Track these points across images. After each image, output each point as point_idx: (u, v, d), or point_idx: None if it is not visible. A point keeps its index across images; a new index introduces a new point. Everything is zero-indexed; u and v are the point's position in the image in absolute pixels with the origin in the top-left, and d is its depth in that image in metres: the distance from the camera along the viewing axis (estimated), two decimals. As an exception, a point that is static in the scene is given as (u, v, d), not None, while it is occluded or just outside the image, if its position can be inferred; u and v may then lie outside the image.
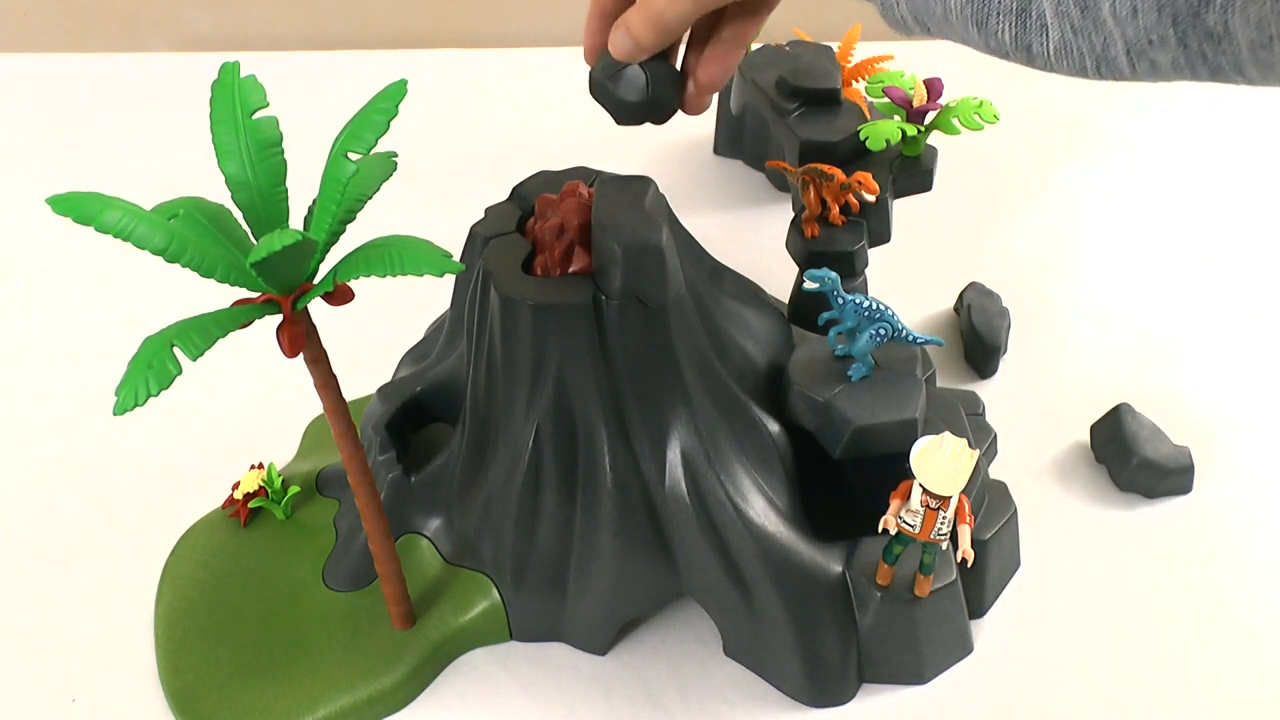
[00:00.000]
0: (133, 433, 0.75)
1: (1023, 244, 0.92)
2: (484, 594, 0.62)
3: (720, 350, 0.59)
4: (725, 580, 0.57)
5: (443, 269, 0.45)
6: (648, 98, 0.53)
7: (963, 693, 0.60)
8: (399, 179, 0.48)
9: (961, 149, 0.97)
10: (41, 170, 1.04)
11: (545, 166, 0.63)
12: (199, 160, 0.63)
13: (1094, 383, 0.78)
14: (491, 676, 0.61)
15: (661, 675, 0.61)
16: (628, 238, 0.52)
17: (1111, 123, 1.06)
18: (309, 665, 0.59)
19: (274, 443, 0.74)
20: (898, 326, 0.60)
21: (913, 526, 0.54)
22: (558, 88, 1.15)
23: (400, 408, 0.63)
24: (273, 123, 0.48)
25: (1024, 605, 0.64)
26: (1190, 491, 0.70)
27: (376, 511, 0.56)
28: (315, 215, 0.48)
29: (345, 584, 0.63)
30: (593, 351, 0.54)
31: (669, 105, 0.54)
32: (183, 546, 0.67)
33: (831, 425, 0.59)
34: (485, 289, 0.56)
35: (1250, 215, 0.95)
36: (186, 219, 0.46)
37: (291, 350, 0.47)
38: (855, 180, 0.69)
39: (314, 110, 0.82)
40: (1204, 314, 0.85)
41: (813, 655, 0.58)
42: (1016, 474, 0.71)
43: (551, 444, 0.56)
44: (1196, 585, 0.65)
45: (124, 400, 0.41)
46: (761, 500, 0.58)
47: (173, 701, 0.59)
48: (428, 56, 1.20)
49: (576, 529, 0.58)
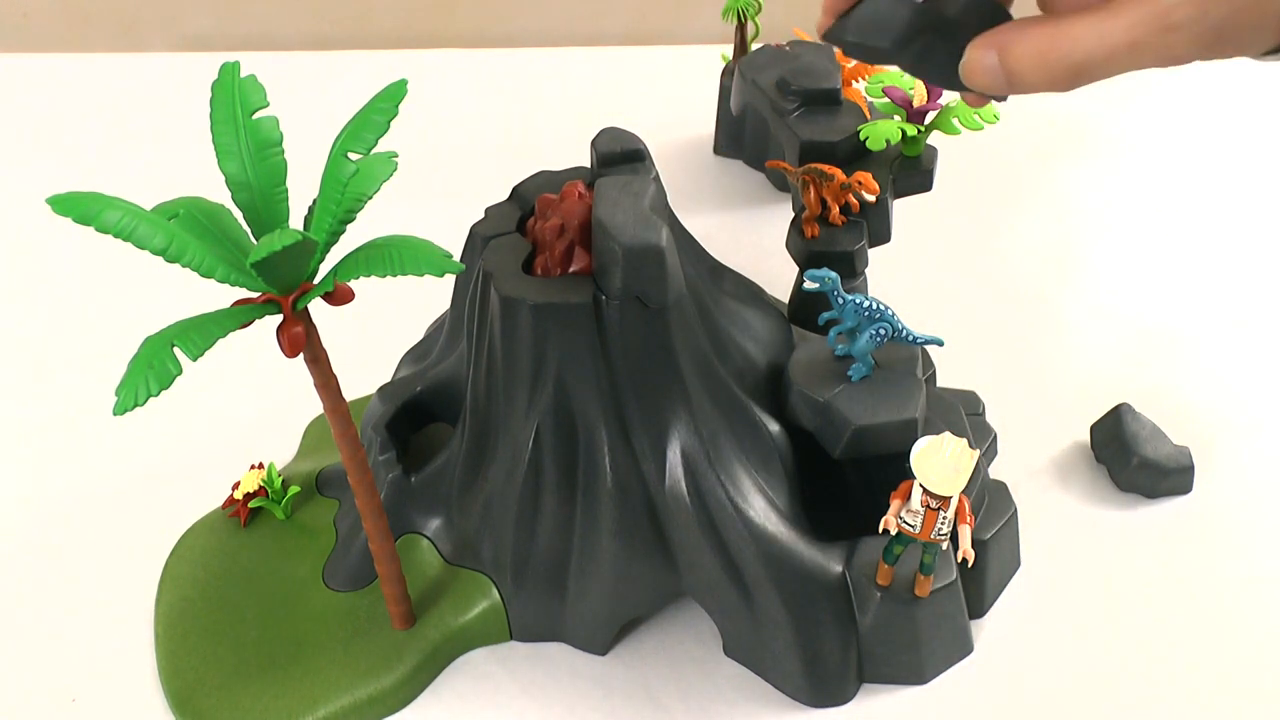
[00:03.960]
0: (133, 433, 0.75)
1: (1023, 244, 0.92)
2: (484, 594, 0.62)
3: (720, 350, 0.59)
4: (725, 580, 0.57)
5: (443, 269, 0.45)
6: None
7: (963, 693, 0.60)
8: (399, 179, 0.48)
9: (961, 149, 0.97)
10: (41, 170, 1.04)
11: (545, 166, 0.63)
12: (199, 160, 0.63)
13: (1094, 383, 0.78)
14: (491, 676, 0.61)
15: (661, 675, 0.61)
16: (628, 238, 0.52)
17: (1111, 123, 1.06)
18: (309, 665, 0.59)
19: (274, 443, 0.74)
20: (898, 326, 0.60)
21: (913, 526, 0.54)
22: (558, 88, 1.15)
23: (400, 408, 0.63)
24: (273, 123, 0.48)
25: (1024, 605, 0.64)
26: (1190, 491, 0.70)
27: (376, 511, 0.56)
28: (315, 215, 0.47)
29: (345, 584, 0.63)
30: (593, 351, 0.54)
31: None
32: (183, 546, 0.67)
33: (831, 425, 0.59)
34: (485, 289, 0.56)
35: (1250, 215, 0.95)
36: (186, 219, 0.46)
37: (291, 350, 0.47)
38: (855, 180, 0.69)
39: (314, 110, 0.83)
40: (1204, 314, 0.85)
41: (813, 655, 0.58)
42: (1016, 474, 0.71)
43: (551, 444, 0.56)
44: (1196, 585, 0.65)
45: (124, 400, 0.41)
46: (761, 500, 0.58)
47: (173, 701, 0.59)
48: (428, 56, 1.20)
49: (576, 529, 0.58)
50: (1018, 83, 0.38)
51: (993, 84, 0.39)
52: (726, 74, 1.02)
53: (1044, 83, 0.38)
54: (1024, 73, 0.38)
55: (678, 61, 1.18)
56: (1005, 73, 0.38)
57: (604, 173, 0.59)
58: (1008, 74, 0.38)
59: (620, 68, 1.18)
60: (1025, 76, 0.38)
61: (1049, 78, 0.37)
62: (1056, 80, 0.37)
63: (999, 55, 0.38)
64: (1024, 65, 0.37)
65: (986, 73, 0.39)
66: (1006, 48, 0.38)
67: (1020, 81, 0.38)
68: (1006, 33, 0.38)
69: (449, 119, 1.10)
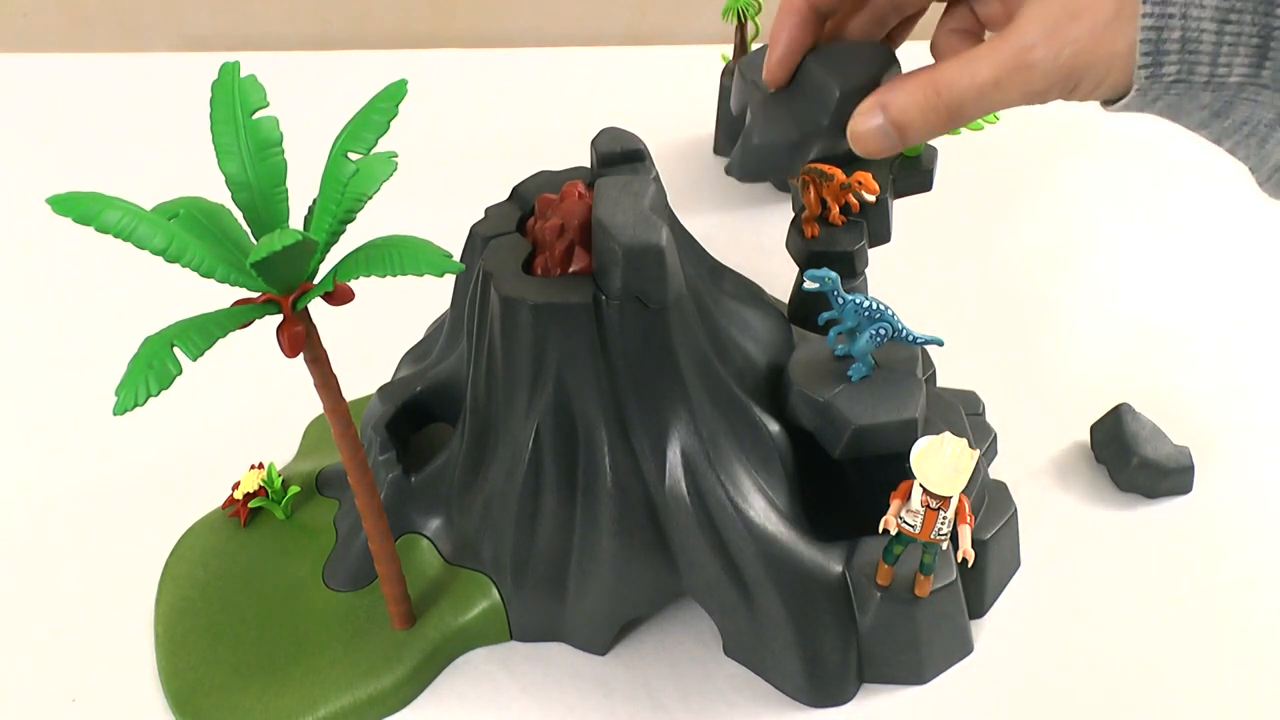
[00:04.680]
0: (133, 433, 0.75)
1: (1023, 244, 0.93)
2: (484, 594, 0.62)
3: (720, 350, 0.59)
4: (725, 580, 0.57)
5: (443, 269, 0.45)
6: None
7: (963, 693, 0.60)
8: (399, 179, 0.48)
9: (961, 149, 0.97)
10: (41, 170, 1.04)
11: (545, 166, 0.63)
12: (199, 160, 0.63)
13: (1094, 383, 0.78)
14: (491, 676, 0.61)
15: (661, 675, 0.61)
16: (628, 238, 0.52)
17: (1111, 123, 1.06)
18: (309, 665, 0.59)
19: (274, 443, 0.74)
20: (898, 326, 0.60)
21: (913, 527, 0.54)
22: (558, 88, 1.15)
23: (400, 408, 0.63)
24: (273, 123, 0.48)
25: (1024, 605, 0.64)
26: (1190, 491, 0.70)
27: (376, 511, 0.56)
28: (315, 215, 0.47)
29: (345, 584, 0.63)
30: (593, 351, 0.54)
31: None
32: (183, 546, 0.67)
33: (831, 425, 0.59)
34: (485, 289, 0.56)
35: (1250, 215, 0.95)
36: (186, 219, 0.46)
37: (291, 350, 0.47)
38: (855, 180, 0.69)
39: (314, 110, 0.83)
40: (1204, 314, 0.85)
41: (813, 655, 0.58)
42: (1016, 474, 0.71)
43: (551, 444, 0.56)
44: (1196, 585, 0.65)
45: (124, 400, 0.41)
46: (761, 500, 0.58)
47: (173, 701, 0.59)
48: (428, 56, 1.20)
49: (576, 529, 0.58)
50: (906, 132, 0.41)
51: (883, 142, 0.42)
52: (726, 74, 1.02)
53: (929, 127, 0.41)
54: (910, 122, 0.41)
55: (678, 61, 1.18)
56: (894, 126, 0.41)
57: (604, 173, 0.59)
58: (896, 127, 0.41)
59: (620, 68, 1.18)
60: (912, 125, 0.41)
61: (934, 121, 0.41)
62: (939, 123, 0.41)
63: (884, 113, 0.41)
64: (909, 116, 0.41)
65: (874, 133, 0.42)
66: (889, 105, 0.41)
67: (908, 130, 0.41)
68: (885, 93, 0.42)
69: (449, 119, 1.10)
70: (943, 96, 0.40)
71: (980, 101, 0.40)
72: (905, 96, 0.41)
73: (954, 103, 0.40)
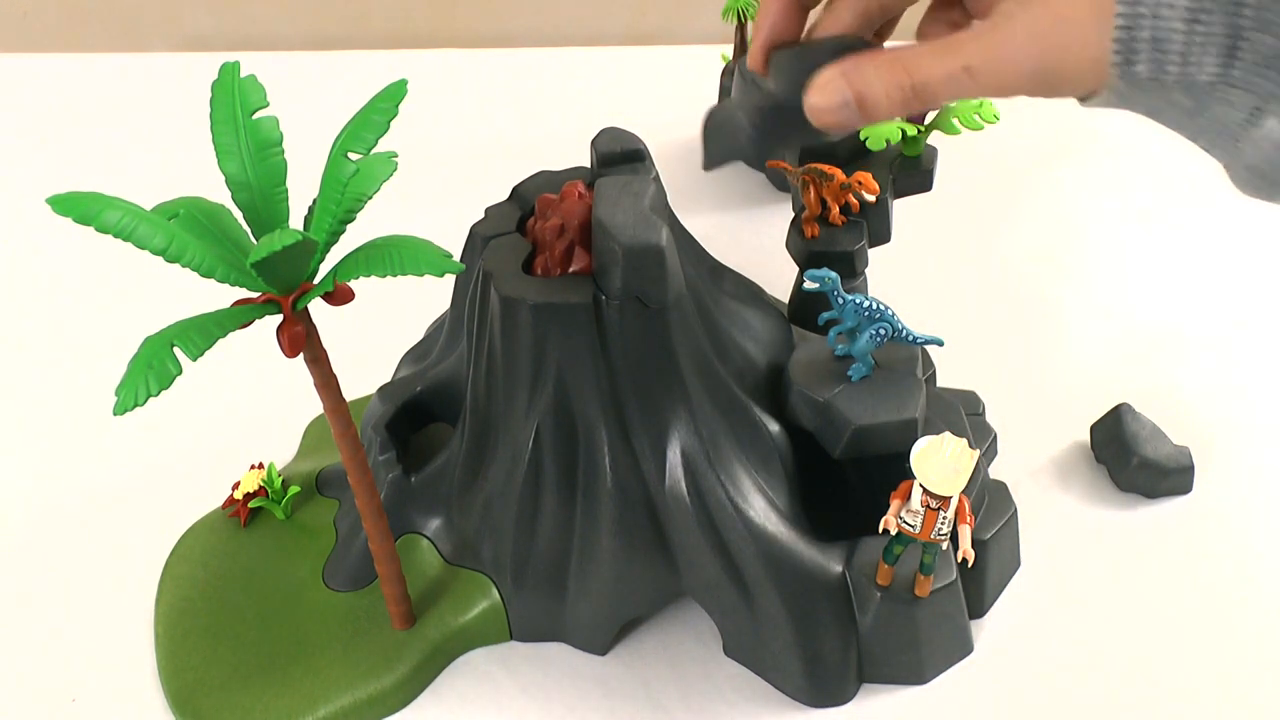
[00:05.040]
0: (133, 433, 0.75)
1: (1023, 244, 0.93)
2: (484, 594, 0.62)
3: (720, 350, 0.59)
4: (725, 580, 0.57)
5: (443, 269, 0.45)
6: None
7: (963, 693, 0.60)
8: (399, 179, 0.48)
9: (961, 149, 0.97)
10: (41, 170, 1.04)
11: (545, 166, 0.63)
12: (199, 160, 0.63)
13: (1094, 383, 0.78)
14: (491, 676, 0.61)
15: (661, 675, 0.61)
16: (628, 238, 0.52)
17: (1111, 123, 1.06)
18: (309, 665, 0.59)
19: (274, 443, 0.74)
20: (898, 326, 0.60)
21: (913, 527, 0.54)
22: (558, 88, 1.15)
23: (400, 408, 0.63)
24: (273, 123, 0.48)
25: (1024, 605, 0.64)
26: (1190, 491, 0.70)
27: (376, 511, 0.56)
28: (315, 215, 0.48)
29: (345, 584, 0.63)
30: (593, 351, 0.54)
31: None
32: (183, 546, 0.67)
33: (831, 425, 0.59)
34: (485, 289, 0.56)
35: (1250, 215, 0.95)
36: (186, 219, 0.46)
37: (291, 350, 0.47)
38: (855, 180, 0.69)
39: (314, 110, 0.83)
40: (1204, 314, 0.85)
41: (813, 655, 0.58)
42: (1016, 474, 0.71)
43: (551, 444, 0.56)
44: (1196, 585, 0.65)
45: (124, 400, 0.41)
46: (761, 500, 0.58)
47: (173, 701, 0.59)
48: (428, 56, 1.20)
49: (576, 529, 0.58)
50: (866, 104, 0.40)
51: (841, 113, 0.41)
52: (726, 74, 1.02)
53: (891, 104, 0.40)
54: (872, 96, 0.40)
55: (678, 61, 1.18)
56: (855, 98, 0.40)
57: (604, 173, 0.59)
58: (858, 99, 0.40)
59: (620, 68, 1.18)
60: (874, 99, 0.40)
61: (898, 98, 0.40)
62: (902, 101, 0.40)
63: (847, 79, 0.40)
64: (873, 89, 0.40)
65: (833, 103, 0.41)
66: (852, 75, 0.40)
67: (868, 102, 0.40)
68: (849, 63, 0.41)
69: (449, 119, 1.10)
70: (912, 76, 0.39)
71: (948, 85, 0.39)
72: (872, 70, 0.40)
73: (921, 83, 0.39)
